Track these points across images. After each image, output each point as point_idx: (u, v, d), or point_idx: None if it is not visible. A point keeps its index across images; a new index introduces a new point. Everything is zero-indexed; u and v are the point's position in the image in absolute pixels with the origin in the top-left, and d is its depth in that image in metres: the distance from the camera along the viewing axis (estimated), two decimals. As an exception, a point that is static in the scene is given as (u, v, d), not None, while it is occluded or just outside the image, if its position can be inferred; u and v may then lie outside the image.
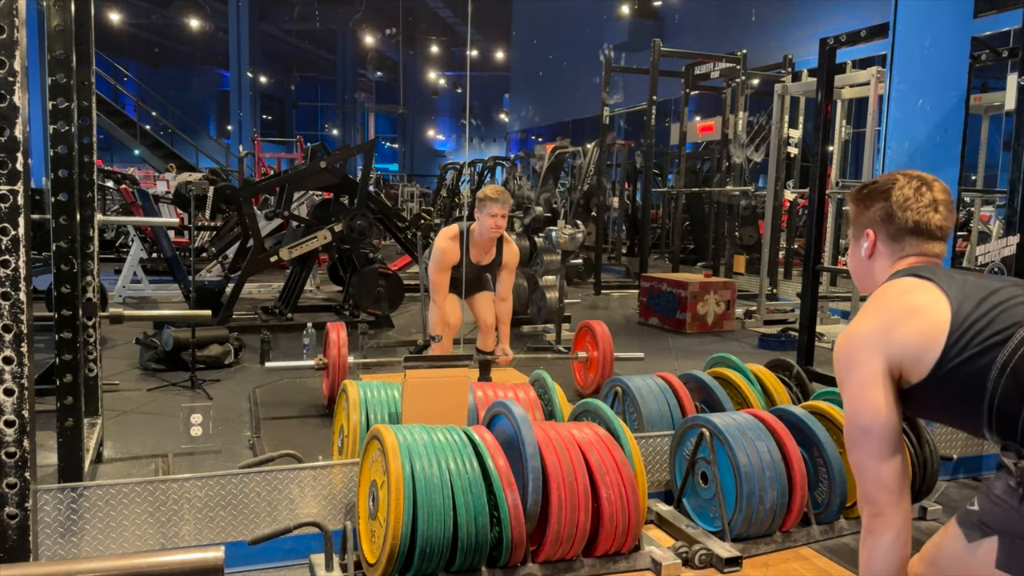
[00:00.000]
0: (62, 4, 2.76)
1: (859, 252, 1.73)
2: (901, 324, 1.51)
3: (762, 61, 11.58)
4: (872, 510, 1.51)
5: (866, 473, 1.51)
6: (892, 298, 1.56)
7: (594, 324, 4.88)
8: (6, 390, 1.64)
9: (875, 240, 1.69)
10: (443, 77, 36.53)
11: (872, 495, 1.50)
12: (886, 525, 1.49)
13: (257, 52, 30.41)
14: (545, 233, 7.57)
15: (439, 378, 3.03)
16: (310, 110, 38.86)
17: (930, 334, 1.47)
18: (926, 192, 1.65)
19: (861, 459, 1.52)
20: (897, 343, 1.49)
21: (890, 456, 1.49)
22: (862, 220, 1.72)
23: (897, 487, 1.49)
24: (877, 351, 1.51)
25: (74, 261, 2.82)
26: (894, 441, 1.50)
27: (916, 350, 1.48)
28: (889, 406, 1.49)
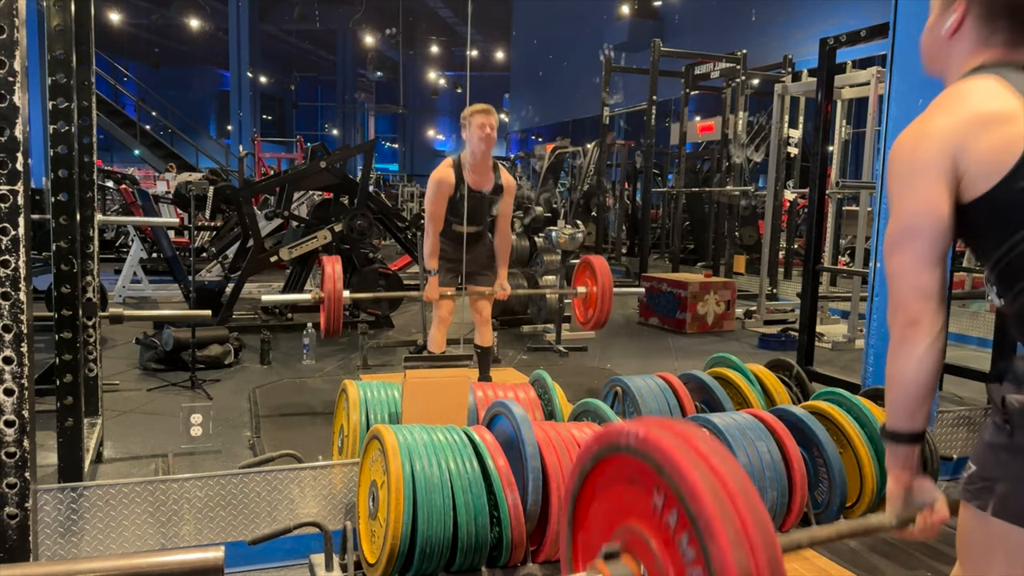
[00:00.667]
0: (62, 4, 2.76)
1: (940, 28, 1.48)
2: (978, 131, 1.33)
3: (762, 61, 11.59)
4: (907, 317, 1.35)
5: (905, 277, 1.36)
6: (972, 99, 1.37)
7: (592, 258, 4.84)
8: (6, 390, 1.64)
9: (964, 15, 1.44)
10: (443, 77, 36.54)
11: (908, 302, 1.35)
12: (921, 333, 1.33)
13: (257, 52, 30.41)
14: (545, 233, 7.57)
15: (439, 378, 3.03)
16: (310, 110, 38.87)
17: (1003, 150, 1.30)
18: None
19: (902, 262, 1.36)
20: (970, 151, 1.33)
21: (936, 263, 1.34)
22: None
23: (938, 295, 1.34)
24: (946, 152, 1.34)
25: (74, 261, 2.82)
26: (943, 248, 1.35)
27: (985, 164, 1.32)
28: (948, 210, 1.34)
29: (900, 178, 1.40)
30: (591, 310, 4.81)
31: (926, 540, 1.52)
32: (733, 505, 1.01)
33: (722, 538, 0.98)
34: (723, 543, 0.98)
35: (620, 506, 1.20)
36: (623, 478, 1.19)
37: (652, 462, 1.09)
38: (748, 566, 0.97)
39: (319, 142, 7.87)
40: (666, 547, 1.08)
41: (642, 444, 1.12)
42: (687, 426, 1.13)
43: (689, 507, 1.02)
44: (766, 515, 1.02)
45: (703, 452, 1.06)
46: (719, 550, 0.98)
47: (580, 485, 1.30)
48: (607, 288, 4.65)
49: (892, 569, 2.79)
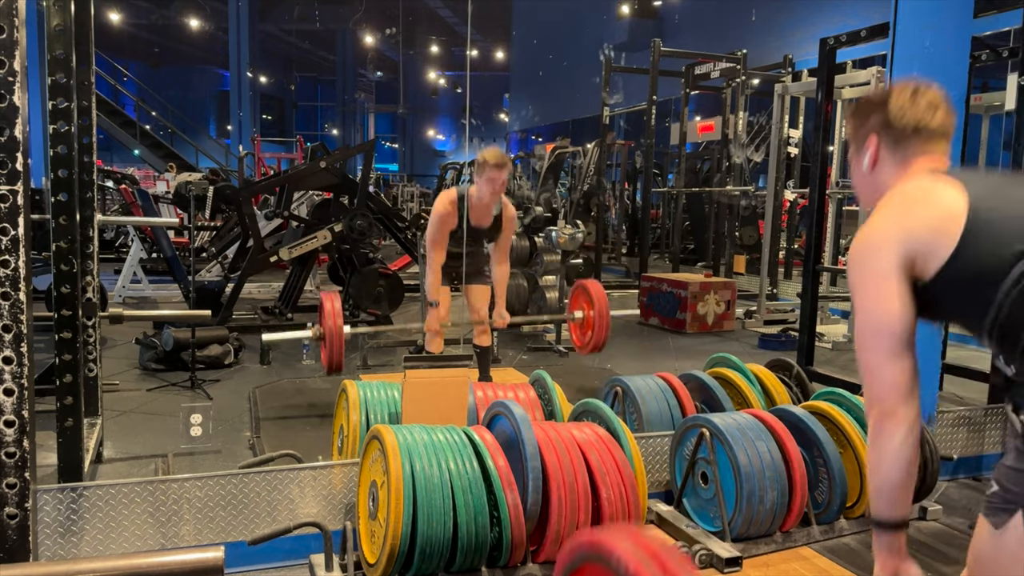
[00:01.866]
0: (62, 4, 2.76)
1: (861, 167, 1.66)
2: (915, 214, 1.45)
3: (762, 61, 11.58)
4: (882, 409, 1.44)
5: (876, 373, 1.45)
6: (907, 193, 1.51)
7: (588, 283, 4.84)
8: (6, 390, 1.64)
9: (877, 147, 1.62)
10: (443, 77, 36.54)
11: (882, 395, 1.44)
12: (896, 424, 1.42)
13: (257, 52, 30.40)
14: (545, 233, 7.56)
15: (439, 378, 3.03)
16: (310, 110, 38.87)
17: (945, 223, 1.41)
18: (922, 96, 1.60)
19: (873, 358, 1.46)
20: (913, 233, 1.43)
21: (902, 355, 1.44)
22: (862, 132, 1.66)
23: (908, 387, 1.43)
24: (892, 244, 1.45)
25: (74, 261, 2.82)
26: (908, 340, 1.44)
27: (931, 239, 1.42)
28: (904, 303, 1.44)
29: (856, 278, 1.52)
30: (588, 334, 4.82)
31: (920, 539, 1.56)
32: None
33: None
34: None
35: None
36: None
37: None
38: None
39: (319, 142, 7.87)
40: None
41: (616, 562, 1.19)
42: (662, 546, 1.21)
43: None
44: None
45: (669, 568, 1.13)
46: None
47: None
48: (604, 312, 4.66)
49: (892, 569, 2.78)
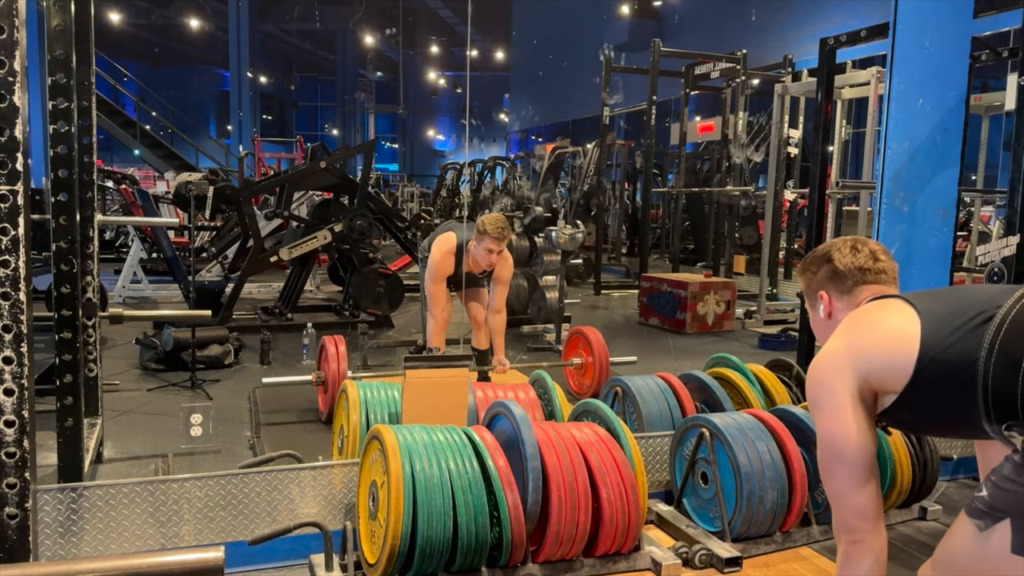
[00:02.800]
0: (62, 4, 2.76)
1: (818, 316, 1.78)
2: (866, 337, 1.53)
3: (762, 61, 11.59)
4: (850, 537, 1.51)
5: (842, 500, 1.52)
6: (855, 319, 1.61)
7: (586, 330, 4.84)
8: (6, 390, 1.64)
9: (829, 299, 1.75)
10: (443, 77, 36.53)
11: (849, 523, 1.51)
12: (864, 551, 1.50)
13: (257, 52, 30.41)
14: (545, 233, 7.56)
15: (439, 378, 3.03)
16: (310, 110, 38.86)
17: (900, 339, 1.48)
18: (863, 247, 1.73)
19: (836, 486, 1.53)
20: (864, 356, 1.51)
21: (865, 482, 1.50)
22: (813, 287, 1.79)
23: (874, 513, 1.51)
24: (846, 371, 1.52)
25: (74, 261, 2.82)
26: (868, 467, 1.51)
27: (886, 359, 1.49)
28: (861, 431, 1.50)
29: (814, 405, 1.58)
30: (588, 381, 4.82)
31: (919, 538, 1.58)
32: None
33: None
34: None
35: None
36: None
37: None
38: None
39: (319, 142, 7.87)
40: None
41: None
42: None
43: None
44: None
45: None
46: None
47: None
48: (603, 360, 4.66)
49: (892, 569, 2.78)
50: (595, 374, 4.71)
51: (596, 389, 4.64)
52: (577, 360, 4.89)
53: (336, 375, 4.07)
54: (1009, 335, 1.37)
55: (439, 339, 4.33)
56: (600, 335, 4.78)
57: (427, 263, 4.40)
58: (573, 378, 5.06)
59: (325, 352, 4.22)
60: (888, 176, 3.63)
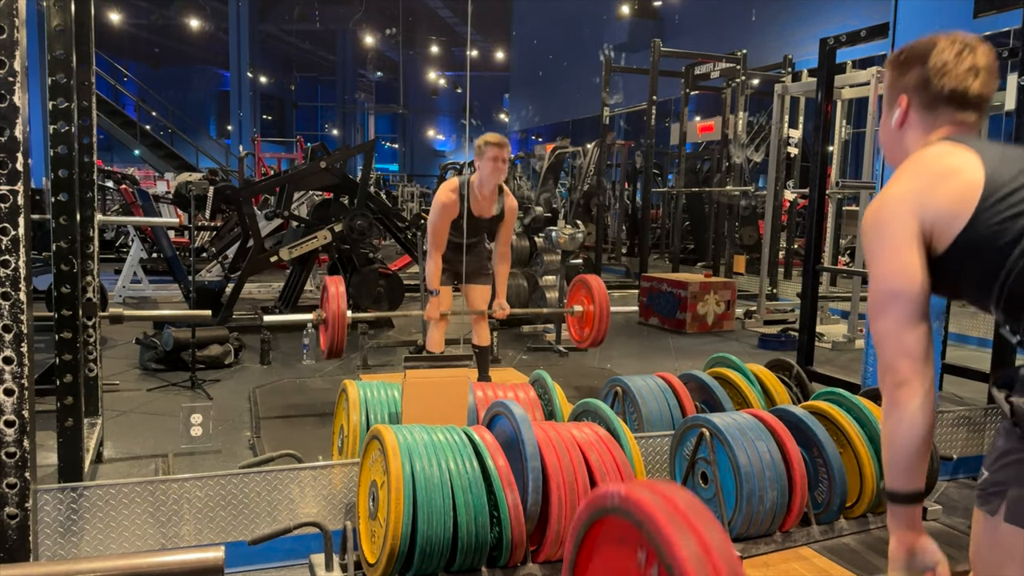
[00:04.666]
0: (62, 4, 2.76)
1: (890, 121, 1.64)
2: (936, 186, 1.43)
3: (762, 61, 11.58)
4: (895, 379, 1.41)
5: (889, 341, 1.42)
6: (926, 162, 1.48)
7: (588, 278, 4.83)
8: (6, 390, 1.64)
9: (907, 108, 1.59)
10: (443, 77, 36.54)
11: (895, 363, 1.41)
12: (911, 393, 1.39)
13: (257, 52, 30.40)
14: (545, 233, 7.56)
15: (439, 378, 3.03)
16: (310, 110, 38.86)
17: (963, 196, 1.39)
18: (967, 56, 1.53)
19: (886, 326, 1.42)
20: (932, 205, 1.41)
21: (917, 322, 1.40)
22: (896, 87, 1.62)
23: (923, 355, 1.40)
24: (911, 213, 1.42)
25: (74, 261, 2.82)
26: (923, 307, 1.41)
27: (949, 213, 1.40)
28: (921, 270, 1.41)
29: (872, 245, 1.48)
30: (588, 329, 4.80)
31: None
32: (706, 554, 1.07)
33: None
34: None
35: (611, 566, 1.27)
36: (613, 540, 1.26)
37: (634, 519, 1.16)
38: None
39: (319, 142, 7.87)
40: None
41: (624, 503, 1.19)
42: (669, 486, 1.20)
43: (666, 559, 1.08)
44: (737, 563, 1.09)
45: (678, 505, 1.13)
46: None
47: (576, 552, 1.37)
48: (604, 307, 4.63)
49: (892, 569, 2.78)
50: (596, 322, 4.67)
51: (596, 337, 4.63)
52: (578, 308, 4.86)
53: (337, 314, 4.09)
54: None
55: (436, 282, 4.25)
56: (601, 282, 4.75)
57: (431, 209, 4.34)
58: (575, 327, 5.02)
59: (327, 292, 4.23)
60: (888, 176, 3.63)
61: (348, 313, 4.13)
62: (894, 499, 1.42)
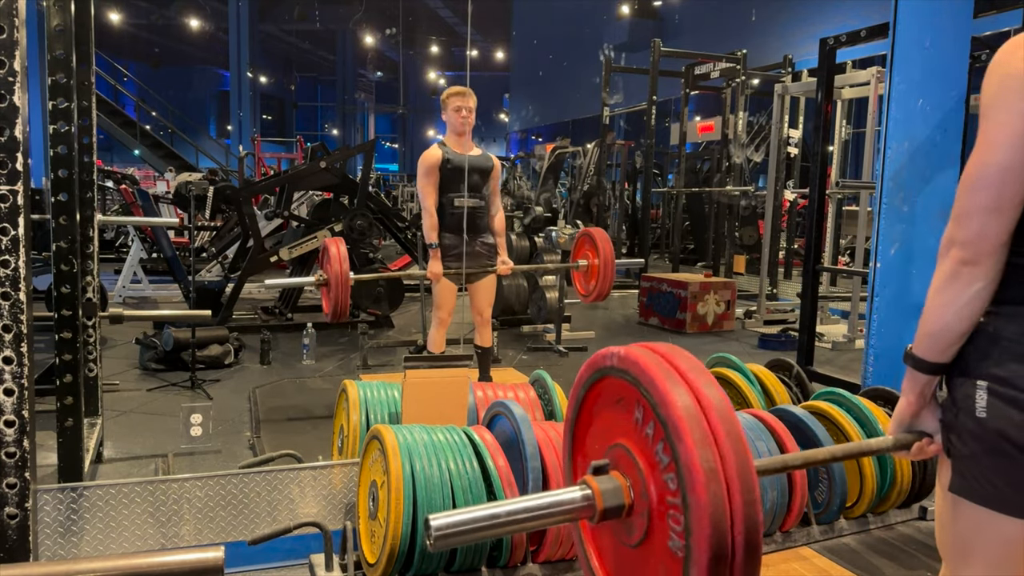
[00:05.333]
0: (62, 4, 2.76)
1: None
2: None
3: (762, 61, 11.59)
4: (965, 255, 1.27)
5: (974, 218, 1.26)
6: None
7: (593, 231, 4.80)
8: (6, 390, 1.64)
9: None
10: (443, 77, 36.53)
11: (970, 239, 1.27)
12: (977, 275, 1.27)
13: (257, 52, 30.41)
14: (545, 233, 7.56)
15: (439, 378, 3.02)
16: (310, 110, 38.86)
17: None
18: None
19: (980, 200, 1.26)
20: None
21: (1010, 209, 1.25)
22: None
23: (1001, 241, 1.26)
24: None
25: (74, 261, 2.82)
26: (1019, 196, 1.25)
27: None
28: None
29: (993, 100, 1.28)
30: (593, 282, 4.73)
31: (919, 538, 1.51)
32: (702, 410, 1.04)
33: (688, 438, 1.02)
34: (689, 442, 1.02)
35: (610, 427, 1.26)
36: (612, 400, 1.24)
37: (631, 378, 1.14)
38: (714, 464, 1.01)
39: (319, 142, 7.87)
40: (646, 458, 1.14)
41: (622, 362, 1.17)
42: (669, 347, 1.17)
43: (660, 413, 1.06)
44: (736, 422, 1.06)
45: (676, 364, 1.11)
46: (686, 450, 1.02)
47: (577, 412, 1.35)
48: (608, 259, 4.57)
49: (892, 569, 2.78)
50: (600, 276, 4.64)
51: (601, 291, 4.61)
52: (583, 262, 4.83)
53: (339, 275, 4.03)
54: None
55: (434, 235, 4.22)
56: (606, 235, 4.72)
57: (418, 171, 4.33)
58: (580, 282, 4.99)
59: (327, 254, 4.19)
60: (888, 176, 3.63)
61: (351, 274, 4.07)
62: (919, 367, 1.38)
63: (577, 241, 4.94)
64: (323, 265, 4.23)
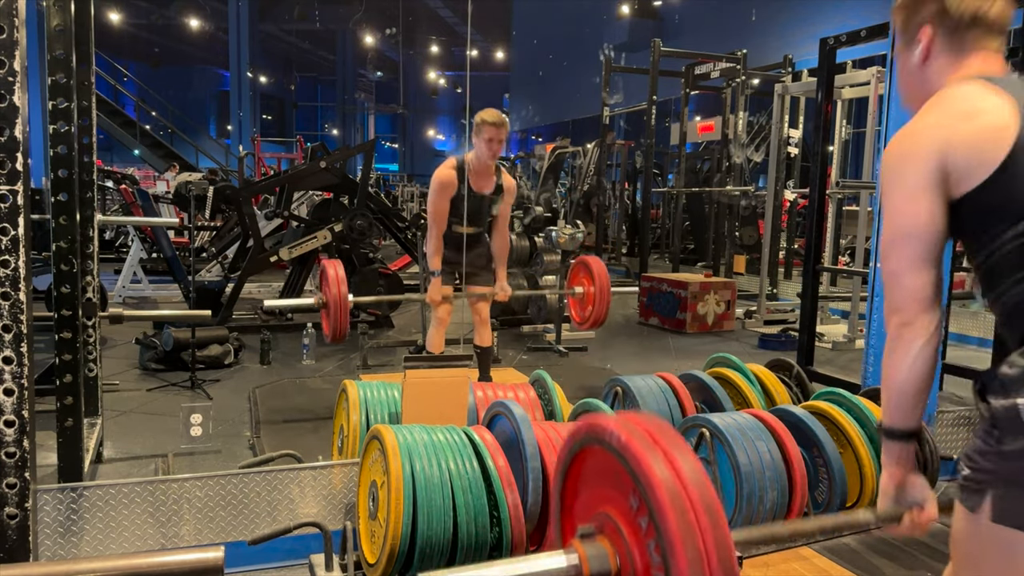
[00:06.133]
0: (62, 4, 2.76)
1: (911, 61, 1.55)
2: (960, 124, 1.36)
3: (762, 61, 11.58)
4: (901, 319, 1.39)
5: (900, 280, 1.39)
6: (953, 98, 1.41)
7: (588, 259, 4.81)
8: (6, 390, 1.64)
9: (932, 38, 1.49)
10: (443, 77, 36.53)
11: (902, 304, 1.39)
12: (915, 333, 1.37)
13: (257, 52, 30.40)
14: (545, 233, 7.56)
15: (439, 378, 3.03)
16: (310, 110, 38.86)
17: (991, 139, 1.33)
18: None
19: (898, 266, 1.39)
20: (954, 149, 1.35)
21: (927, 265, 1.38)
22: (914, 21, 1.53)
23: (931, 298, 1.38)
24: (931, 154, 1.37)
25: (74, 261, 2.82)
26: (935, 250, 1.38)
27: (973, 155, 1.34)
28: (938, 213, 1.37)
29: (890, 181, 1.44)
30: (588, 309, 4.77)
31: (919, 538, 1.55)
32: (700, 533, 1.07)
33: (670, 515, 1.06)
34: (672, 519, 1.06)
35: (601, 493, 1.28)
36: (606, 470, 1.26)
37: (630, 471, 1.15)
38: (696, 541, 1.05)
39: (319, 142, 7.88)
40: (636, 541, 1.17)
41: (623, 449, 1.17)
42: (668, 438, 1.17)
43: (658, 524, 1.09)
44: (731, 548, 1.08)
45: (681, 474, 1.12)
46: (669, 526, 1.06)
47: (564, 478, 1.39)
48: (604, 288, 4.61)
49: (892, 569, 2.79)
50: (596, 303, 4.65)
51: (597, 318, 4.62)
52: (579, 289, 4.85)
53: (338, 297, 4.04)
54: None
55: (437, 262, 4.23)
56: (602, 264, 4.74)
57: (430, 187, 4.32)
58: (575, 309, 5.01)
59: (326, 276, 4.20)
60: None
61: (350, 296, 4.09)
62: (890, 436, 1.44)
63: (573, 268, 4.96)
64: (322, 287, 4.25)
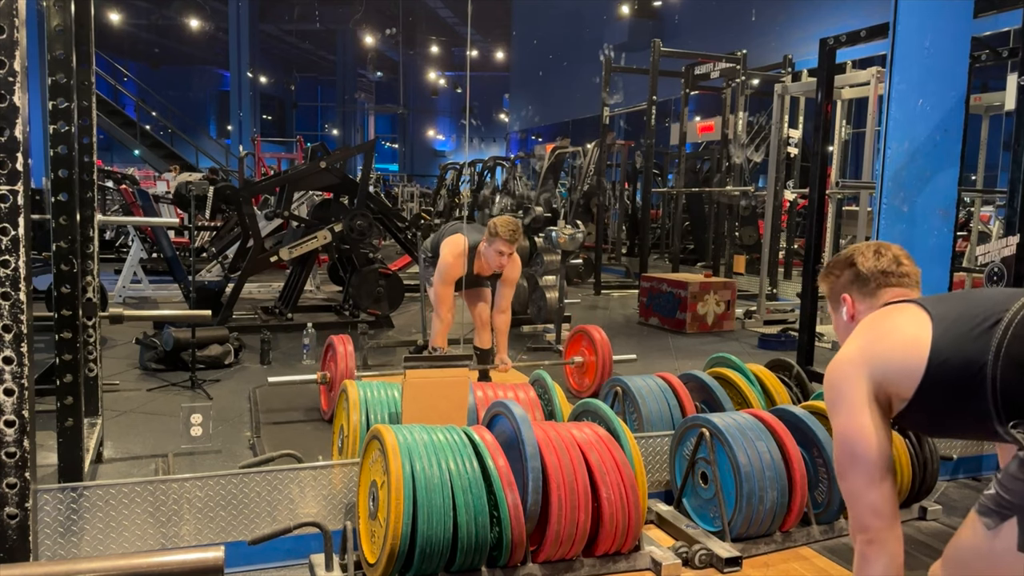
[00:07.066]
0: (62, 4, 2.76)
1: (841, 319, 1.81)
2: (880, 342, 1.55)
3: (762, 61, 11.59)
4: (865, 536, 1.53)
5: (858, 499, 1.53)
6: (871, 322, 1.63)
7: (591, 329, 4.83)
8: (6, 390, 1.64)
9: (852, 301, 1.77)
10: (443, 77, 36.53)
11: (865, 522, 1.53)
12: (880, 551, 1.51)
13: (257, 52, 30.40)
14: (545, 233, 7.56)
15: (439, 378, 3.03)
16: (310, 110, 38.85)
17: (912, 343, 1.50)
18: (886, 252, 1.77)
19: (853, 486, 1.54)
20: (879, 360, 1.53)
21: (880, 481, 1.51)
22: (836, 289, 1.81)
23: (890, 512, 1.51)
24: (862, 373, 1.54)
25: (74, 261, 2.82)
26: (884, 466, 1.52)
27: (900, 362, 1.50)
28: (878, 431, 1.52)
29: (832, 407, 1.60)
30: (589, 379, 4.78)
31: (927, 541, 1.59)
32: None
33: None
34: None
35: None
36: None
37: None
38: None
39: (319, 142, 7.87)
40: None
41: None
42: None
43: None
44: None
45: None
46: None
47: None
48: (607, 359, 4.62)
49: (892, 569, 2.78)
50: (597, 373, 4.68)
51: (597, 388, 4.63)
52: (579, 359, 4.87)
53: (343, 375, 4.01)
54: (1015, 339, 1.40)
55: (443, 340, 4.34)
56: (604, 334, 4.77)
57: (432, 263, 4.39)
58: (573, 376, 5.04)
59: (332, 351, 4.18)
60: (888, 176, 3.63)
61: (356, 373, 4.07)
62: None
63: (572, 336, 4.97)
64: (326, 363, 4.22)
